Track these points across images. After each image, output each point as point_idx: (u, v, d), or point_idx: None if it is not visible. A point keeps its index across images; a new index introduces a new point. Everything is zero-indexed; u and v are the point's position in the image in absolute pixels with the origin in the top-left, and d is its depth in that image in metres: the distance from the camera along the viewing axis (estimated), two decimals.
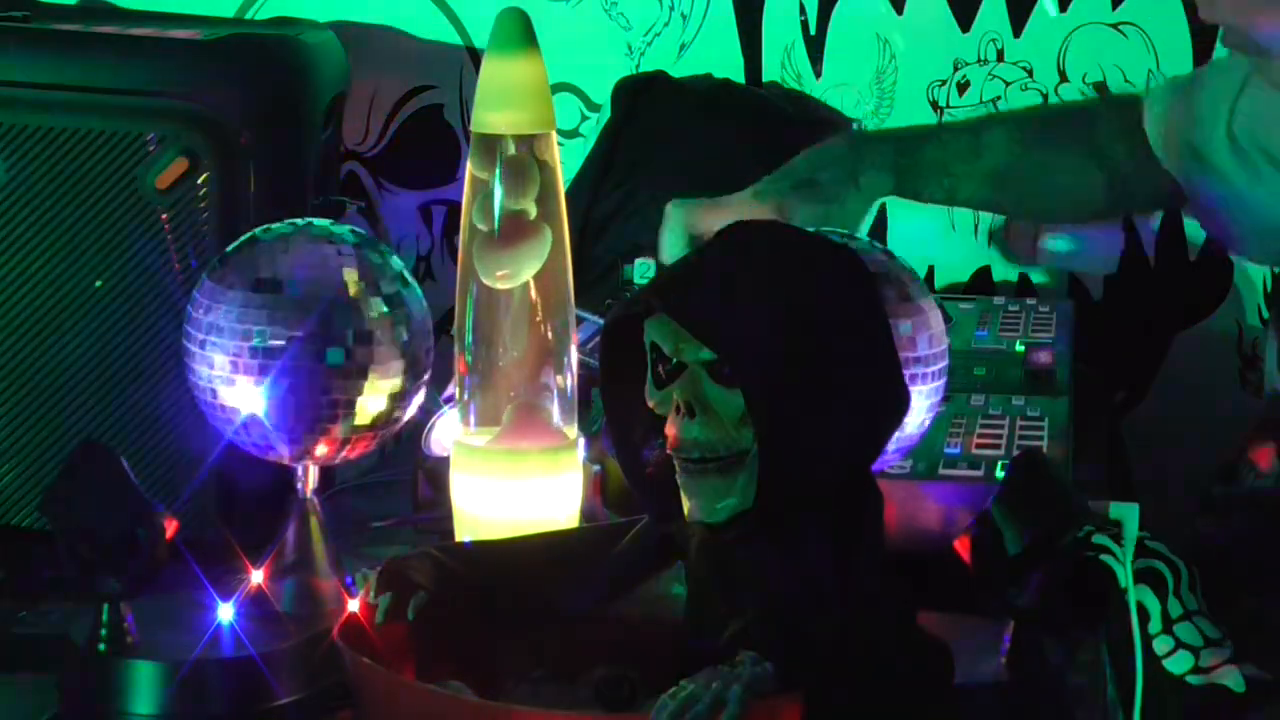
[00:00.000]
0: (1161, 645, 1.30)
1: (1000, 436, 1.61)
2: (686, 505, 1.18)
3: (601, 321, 1.70)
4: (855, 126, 2.17)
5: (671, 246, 1.70)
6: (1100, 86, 2.14)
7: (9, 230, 1.64)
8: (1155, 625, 1.30)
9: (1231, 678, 1.29)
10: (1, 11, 1.77)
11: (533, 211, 1.43)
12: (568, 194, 1.51)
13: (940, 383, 1.38)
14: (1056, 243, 2.00)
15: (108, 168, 1.62)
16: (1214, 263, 2.16)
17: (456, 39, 2.22)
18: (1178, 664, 1.30)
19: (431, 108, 2.23)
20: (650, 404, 1.19)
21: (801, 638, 1.12)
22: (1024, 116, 1.88)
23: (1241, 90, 1.69)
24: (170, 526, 1.29)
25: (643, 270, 1.81)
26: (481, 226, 1.43)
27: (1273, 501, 1.58)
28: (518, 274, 1.43)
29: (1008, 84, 2.15)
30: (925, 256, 2.16)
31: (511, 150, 1.42)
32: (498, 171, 1.42)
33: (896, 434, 1.23)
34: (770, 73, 2.20)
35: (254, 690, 1.31)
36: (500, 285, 1.43)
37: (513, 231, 1.43)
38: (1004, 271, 2.18)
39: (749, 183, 1.75)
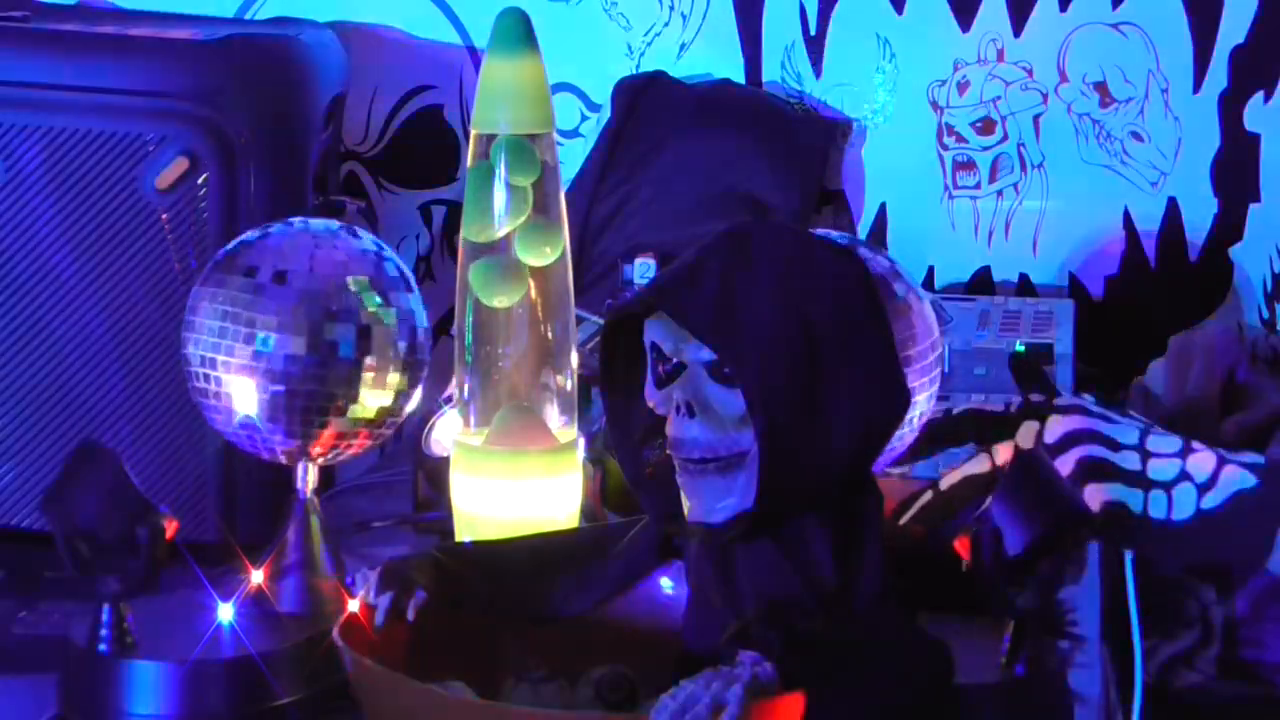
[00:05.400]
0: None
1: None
2: (686, 505, 1.18)
3: (601, 321, 1.70)
4: (855, 124, 2.17)
5: None
6: (1101, 88, 2.14)
7: (8, 230, 1.64)
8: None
9: (1240, 476, 1.26)
10: (1, 11, 1.76)
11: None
12: (568, 194, 1.51)
13: (935, 373, 1.38)
14: None
15: (108, 168, 1.62)
16: (1214, 263, 2.15)
17: (456, 39, 2.22)
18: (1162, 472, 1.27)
19: (431, 108, 2.23)
20: (650, 404, 1.19)
21: (801, 638, 1.12)
22: None
23: None
24: (170, 526, 1.29)
25: (643, 270, 1.81)
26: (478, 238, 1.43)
27: None
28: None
29: (1008, 84, 2.15)
30: (925, 257, 2.16)
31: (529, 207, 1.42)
32: (498, 171, 1.42)
33: (896, 434, 1.23)
34: (770, 73, 2.20)
35: (254, 690, 1.31)
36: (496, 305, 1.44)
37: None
38: (1004, 271, 2.18)
39: (748, 182, 1.74)
